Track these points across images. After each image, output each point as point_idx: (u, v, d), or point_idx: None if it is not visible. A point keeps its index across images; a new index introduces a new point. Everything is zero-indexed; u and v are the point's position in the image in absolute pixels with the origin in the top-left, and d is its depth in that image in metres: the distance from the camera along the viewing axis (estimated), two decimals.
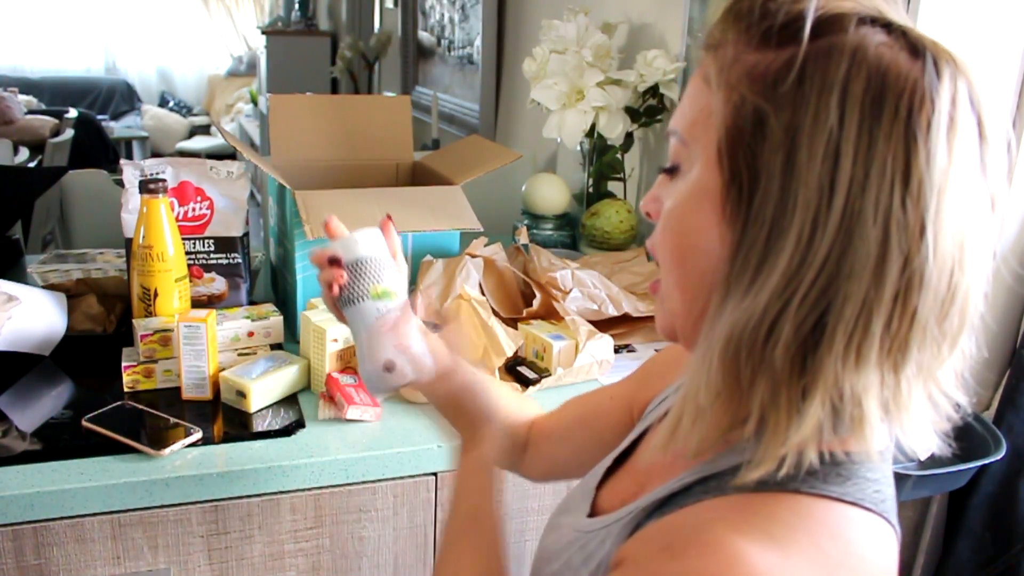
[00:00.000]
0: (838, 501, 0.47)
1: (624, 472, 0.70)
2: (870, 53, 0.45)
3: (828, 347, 0.46)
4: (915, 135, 0.44)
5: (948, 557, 1.38)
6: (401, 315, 0.74)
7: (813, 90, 0.45)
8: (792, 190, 0.46)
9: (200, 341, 1.09)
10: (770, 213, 0.46)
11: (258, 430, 1.06)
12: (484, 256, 1.33)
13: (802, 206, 0.45)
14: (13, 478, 0.93)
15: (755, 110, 0.47)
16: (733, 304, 0.48)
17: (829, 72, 0.45)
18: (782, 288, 0.46)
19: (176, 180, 1.28)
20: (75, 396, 1.11)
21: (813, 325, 0.46)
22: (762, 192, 0.47)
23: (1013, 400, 1.29)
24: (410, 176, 1.57)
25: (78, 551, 0.95)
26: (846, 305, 0.45)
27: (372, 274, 0.73)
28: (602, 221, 1.71)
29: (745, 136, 0.48)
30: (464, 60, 3.04)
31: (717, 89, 0.49)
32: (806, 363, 0.46)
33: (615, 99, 1.66)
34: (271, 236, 1.50)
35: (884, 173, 0.44)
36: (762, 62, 0.48)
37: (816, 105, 0.45)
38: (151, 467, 0.97)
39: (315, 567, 1.06)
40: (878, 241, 0.44)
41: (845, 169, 0.44)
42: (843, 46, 0.46)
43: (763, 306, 0.46)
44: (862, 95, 0.44)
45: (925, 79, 0.45)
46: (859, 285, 0.45)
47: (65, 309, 1.23)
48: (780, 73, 0.47)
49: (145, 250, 1.15)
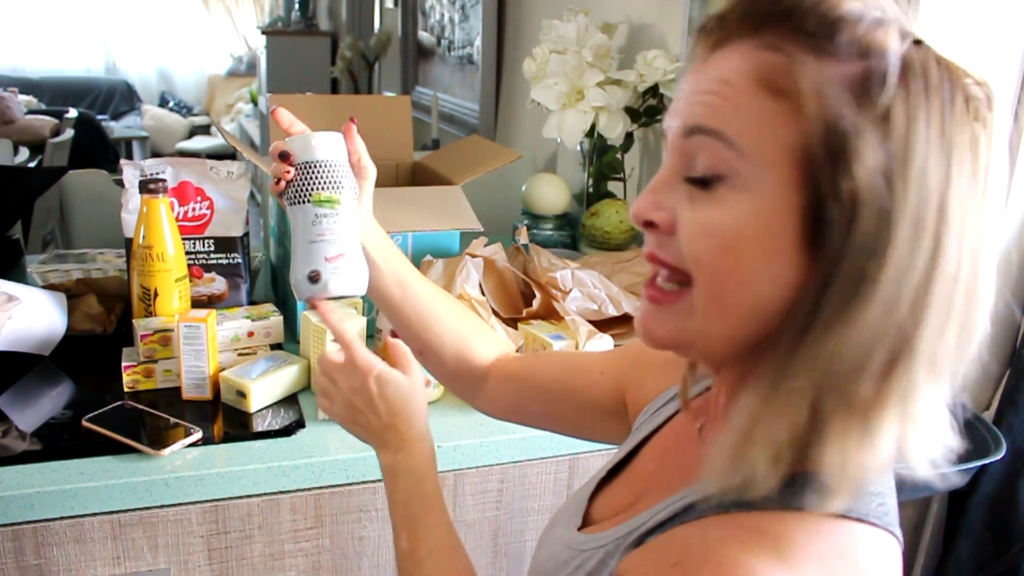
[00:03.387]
0: (844, 518, 0.47)
1: (620, 482, 0.68)
2: (935, 70, 0.45)
3: (909, 374, 0.45)
4: (978, 153, 0.45)
5: (948, 557, 1.38)
6: (340, 224, 0.71)
7: (905, 107, 0.44)
8: (890, 216, 0.44)
9: (200, 341, 1.09)
10: (868, 241, 0.44)
11: (258, 430, 1.06)
12: (484, 256, 1.33)
13: (901, 233, 0.44)
14: (13, 478, 0.93)
15: (851, 127, 0.44)
16: (822, 337, 0.46)
17: (911, 87, 0.44)
18: (880, 320, 0.44)
19: (176, 180, 1.28)
20: (75, 396, 1.11)
21: (900, 354, 0.45)
22: (860, 219, 0.44)
23: (1013, 400, 1.29)
24: (410, 176, 1.57)
25: (78, 551, 0.95)
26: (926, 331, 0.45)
27: (318, 179, 0.71)
28: (602, 221, 1.71)
29: (840, 156, 0.44)
30: (464, 60, 3.04)
31: (787, 98, 0.46)
32: (883, 391, 0.45)
33: (615, 99, 1.66)
34: (271, 236, 1.50)
35: (960, 189, 0.44)
36: (846, 75, 0.45)
37: (909, 125, 0.44)
38: (151, 467, 0.97)
39: (315, 567, 1.06)
40: (956, 262, 0.45)
41: (934, 191, 0.44)
42: (912, 62, 0.44)
43: (864, 339, 0.45)
44: (940, 114, 0.44)
45: (980, 90, 0.46)
46: (939, 309, 0.45)
47: (65, 309, 1.23)
48: (870, 88, 0.44)
49: (145, 250, 1.15)
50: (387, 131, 1.55)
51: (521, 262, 1.42)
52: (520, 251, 1.45)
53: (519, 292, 1.37)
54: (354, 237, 0.73)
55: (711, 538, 0.48)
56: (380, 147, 1.55)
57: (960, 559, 1.36)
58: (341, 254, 0.71)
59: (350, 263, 0.72)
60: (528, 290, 1.35)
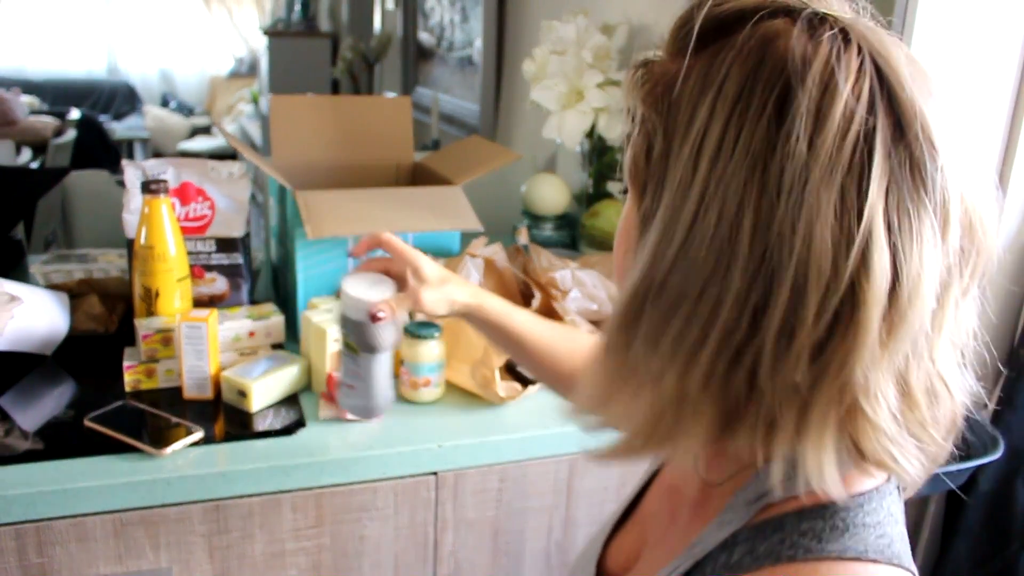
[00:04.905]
0: (839, 559, 0.45)
1: (632, 523, 0.68)
2: (756, 46, 0.42)
3: (663, 342, 0.45)
4: (784, 127, 0.41)
5: (945, 556, 1.39)
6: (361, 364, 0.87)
7: (689, 95, 0.44)
8: (663, 194, 0.45)
9: (201, 341, 1.10)
10: (648, 215, 0.46)
11: (259, 429, 1.06)
12: (484, 256, 1.33)
13: (666, 206, 0.44)
14: (16, 477, 0.93)
15: (651, 126, 0.46)
16: (620, 293, 0.48)
17: (711, 73, 0.43)
18: (637, 284, 0.45)
19: (178, 181, 1.28)
20: (77, 396, 1.12)
21: (661, 322, 0.45)
22: (646, 200, 0.46)
23: (1011, 400, 1.29)
24: (410, 176, 1.57)
25: (80, 550, 0.96)
26: (683, 304, 0.43)
27: (347, 330, 0.86)
28: (602, 221, 1.72)
29: (640, 154, 0.47)
30: (464, 61, 3.04)
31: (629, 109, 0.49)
32: (650, 357, 0.45)
33: (615, 100, 1.66)
34: (272, 236, 1.51)
35: (740, 167, 0.41)
36: (661, 76, 0.46)
37: (691, 110, 0.43)
38: (153, 466, 0.97)
39: (316, 566, 1.07)
40: (726, 237, 0.42)
41: (702, 167, 0.42)
42: (732, 45, 0.43)
43: (624, 300, 0.47)
44: (738, 91, 0.42)
45: (802, 66, 0.41)
46: (701, 283, 0.42)
47: (67, 309, 1.23)
48: (669, 84, 0.45)
49: (147, 250, 1.16)
50: (387, 131, 1.56)
51: (521, 262, 1.42)
52: (520, 251, 1.45)
53: (519, 292, 1.38)
54: (373, 374, 0.88)
55: None
56: (380, 147, 1.56)
57: (958, 558, 1.36)
58: (352, 385, 0.89)
59: (360, 393, 0.89)
60: (528, 290, 1.36)
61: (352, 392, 0.89)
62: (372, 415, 0.92)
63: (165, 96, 6.53)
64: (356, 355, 0.86)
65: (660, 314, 0.44)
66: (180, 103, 6.53)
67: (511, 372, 1.22)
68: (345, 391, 0.90)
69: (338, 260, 1.28)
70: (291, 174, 1.41)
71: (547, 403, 1.17)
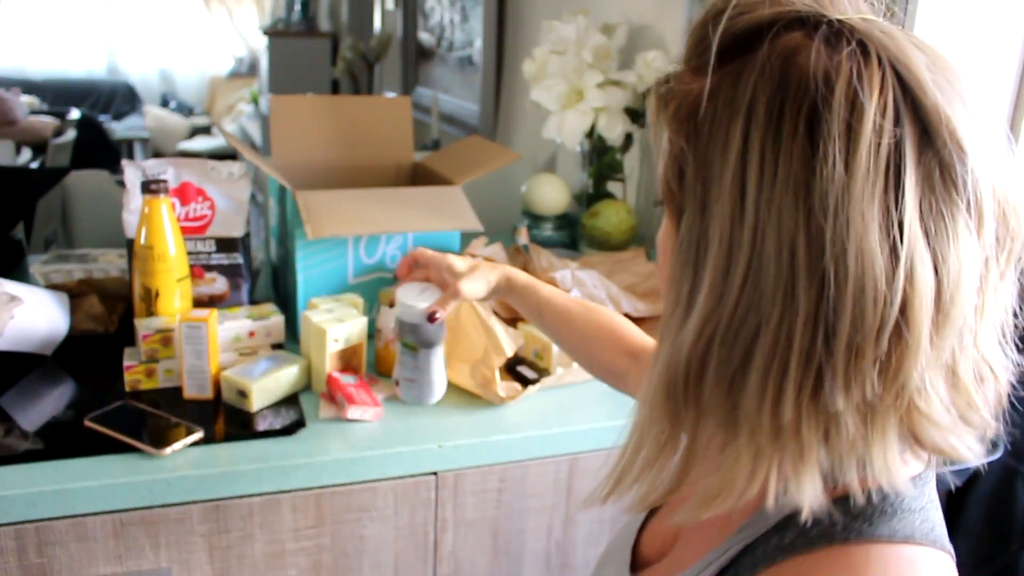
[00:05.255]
0: (889, 542, 0.47)
1: (668, 508, 0.67)
2: (776, 63, 0.43)
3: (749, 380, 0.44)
4: (818, 150, 0.42)
5: None
6: (419, 360, 0.99)
7: (719, 119, 0.45)
8: (709, 224, 0.45)
9: (201, 341, 1.10)
10: (693, 251, 0.46)
11: (259, 430, 1.06)
12: (484, 256, 1.34)
13: (715, 240, 0.44)
14: (15, 477, 0.93)
15: (679, 149, 0.47)
16: (666, 345, 0.48)
17: (736, 96, 0.44)
18: (702, 325, 0.45)
19: (177, 181, 1.28)
20: (77, 396, 1.12)
21: (741, 360, 0.44)
22: (685, 230, 0.47)
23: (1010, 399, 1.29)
24: (410, 176, 1.57)
25: (80, 550, 0.96)
26: (761, 336, 0.43)
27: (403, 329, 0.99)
28: (602, 221, 1.72)
29: (672, 176, 0.48)
30: (464, 61, 3.04)
31: (656, 130, 0.50)
32: (732, 400, 0.45)
33: (615, 100, 1.66)
34: (272, 236, 1.51)
35: (786, 192, 0.42)
36: (686, 97, 0.47)
37: (724, 136, 0.44)
38: (153, 466, 0.97)
39: (316, 566, 1.07)
40: (787, 263, 0.42)
41: (750, 196, 0.43)
42: (753, 64, 0.44)
43: (688, 344, 0.46)
44: (767, 114, 0.43)
45: (825, 86, 0.42)
46: (773, 312, 0.43)
47: (67, 309, 1.23)
48: (694, 106, 0.46)
49: (147, 250, 1.16)
50: (387, 131, 1.56)
51: (521, 262, 1.42)
52: (520, 251, 1.45)
53: None
54: (432, 366, 1.00)
55: None
56: (380, 147, 1.56)
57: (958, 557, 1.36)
58: (413, 379, 1.01)
59: (421, 383, 1.02)
60: None
61: (413, 384, 1.01)
62: (433, 400, 1.03)
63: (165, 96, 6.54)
64: (416, 352, 0.99)
65: (738, 352, 0.44)
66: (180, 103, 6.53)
67: (511, 372, 1.22)
68: (407, 385, 1.02)
69: (338, 260, 1.29)
70: (291, 174, 1.41)
71: (547, 403, 1.17)
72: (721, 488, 0.47)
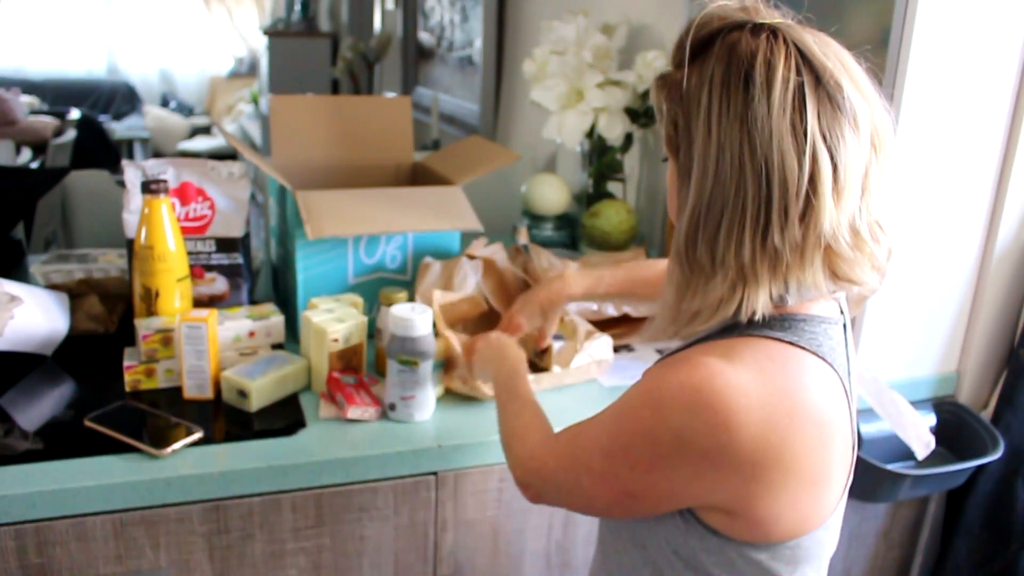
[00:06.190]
0: (778, 341, 0.70)
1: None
2: (725, 51, 0.69)
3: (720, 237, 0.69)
4: (750, 95, 0.67)
5: (946, 556, 1.39)
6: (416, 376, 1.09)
7: (694, 90, 0.70)
8: (693, 152, 0.70)
9: (201, 341, 1.10)
10: (685, 169, 0.72)
11: (259, 429, 1.06)
12: (484, 256, 1.33)
13: (698, 159, 0.70)
14: (15, 477, 0.93)
15: (673, 113, 0.73)
16: (675, 234, 0.74)
17: (703, 74, 0.70)
18: (692, 210, 0.71)
19: (177, 181, 1.28)
20: (77, 396, 1.12)
21: (715, 227, 0.69)
22: (681, 160, 0.73)
23: (1011, 399, 1.30)
24: (410, 176, 1.57)
25: (80, 550, 0.96)
26: (725, 210, 0.68)
27: (403, 346, 1.07)
28: (602, 221, 1.72)
29: (671, 131, 0.74)
30: (464, 61, 3.04)
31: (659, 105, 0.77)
32: (711, 254, 0.70)
33: (615, 100, 1.66)
34: (272, 236, 1.51)
35: (735, 122, 0.67)
36: (674, 81, 0.73)
37: (697, 98, 0.70)
38: (153, 466, 0.97)
39: (316, 566, 1.07)
40: (737, 163, 0.67)
41: (714, 131, 0.68)
42: (712, 54, 0.70)
43: (684, 225, 0.72)
44: (721, 81, 0.68)
45: (752, 56, 0.67)
46: (731, 194, 0.68)
47: (67, 309, 1.23)
48: (678, 85, 0.72)
49: (147, 250, 1.16)
50: (387, 131, 1.56)
51: (521, 262, 1.42)
52: (520, 251, 1.45)
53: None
54: (427, 380, 1.09)
55: (686, 352, 0.73)
56: (380, 147, 1.56)
57: (958, 558, 1.36)
58: (412, 396, 1.09)
59: (421, 398, 1.10)
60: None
61: (412, 401, 1.09)
62: (429, 415, 1.11)
63: (165, 96, 6.54)
64: (417, 367, 1.06)
65: (713, 223, 0.69)
66: (180, 103, 6.53)
67: None
68: (404, 404, 1.09)
69: (338, 260, 1.29)
70: (291, 174, 1.41)
71: (547, 403, 1.17)
72: (701, 308, 0.72)
